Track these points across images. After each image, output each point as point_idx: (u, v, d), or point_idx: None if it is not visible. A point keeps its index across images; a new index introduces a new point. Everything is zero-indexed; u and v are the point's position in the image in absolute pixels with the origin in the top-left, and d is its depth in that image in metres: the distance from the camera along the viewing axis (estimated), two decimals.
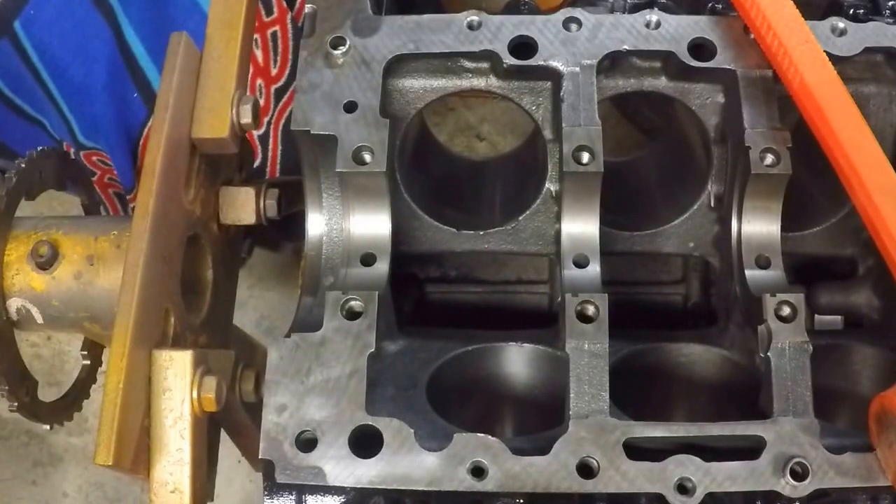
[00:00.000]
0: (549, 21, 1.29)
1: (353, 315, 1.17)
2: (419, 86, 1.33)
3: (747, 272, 1.25)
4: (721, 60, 1.27)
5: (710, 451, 1.10)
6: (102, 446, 1.02)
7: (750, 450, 1.10)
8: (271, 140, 1.96)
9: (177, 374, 1.09)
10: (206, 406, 1.10)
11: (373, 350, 1.15)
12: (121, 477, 1.10)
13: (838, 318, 1.50)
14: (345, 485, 1.09)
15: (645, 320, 1.60)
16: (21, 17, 1.72)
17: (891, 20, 1.32)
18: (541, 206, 1.34)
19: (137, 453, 1.06)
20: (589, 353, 1.14)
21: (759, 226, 1.27)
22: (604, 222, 1.28)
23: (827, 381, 1.25)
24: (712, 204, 1.35)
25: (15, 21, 1.72)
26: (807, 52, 1.17)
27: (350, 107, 1.24)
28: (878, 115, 1.34)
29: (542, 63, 1.27)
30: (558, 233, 1.29)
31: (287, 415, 1.12)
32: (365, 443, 1.10)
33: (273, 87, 1.95)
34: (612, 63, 1.31)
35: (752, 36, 1.23)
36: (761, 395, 1.17)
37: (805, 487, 1.08)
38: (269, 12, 1.89)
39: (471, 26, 1.28)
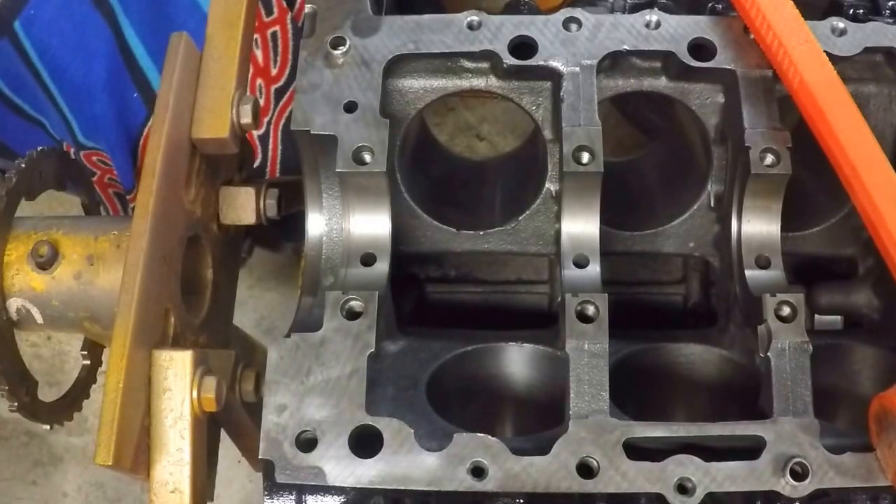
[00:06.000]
0: (549, 21, 1.29)
1: (353, 315, 1.17)
2: (419, 86, 1.33)
3: (747, 272, 1.25)
4: (721, 60, 1.27)
5: (710, 451, 1.10)
6: (102, 446, 1.02)
7: (750, 450, 1.10)
8: (271, 140, 1.96)
9: (177, 374, 1.09)
10: (206, 406, 1.10)
11: (373, 350, 1.15)
12: (121, 477, 1.10)
13: (838, 318, 1.50)
14: (345, 485, 1.09)
15: (645, 320, 1.60)
16: (21, 17, 1.72)
17: (891, 20, 1.32)
18: (541, 206, 1.34)
19: (137, 453, 1.06)
20: (589, 353, 1.14)
21: (759, 226, 1.27)
22: (604, 222, 1.28)
23: (827, 381, 1.25)
24: (712, 204, 1.35)
25: (15, 21, 1.72)
26: (807, 52, 1.17)
27: (350, 107, 1.24)
28: (878, 115, 1.34)
29: (542, 63, 1.27)
30: (558, 233, 1.29)
31: (287, 415, 1.12)
32: (365, 443, 1.10)
33: (273, 87, 1.95)
34: (612, 63, 1.31)
35: (752, 36, 1.23)
36: (761, 395, 1.17)
37: (805, 487, 1.08)
38: (269, 12, 1.89)
39: (471, 26, 1.28)
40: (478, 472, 1.08)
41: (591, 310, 1.17)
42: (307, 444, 1.11)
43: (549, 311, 1.62)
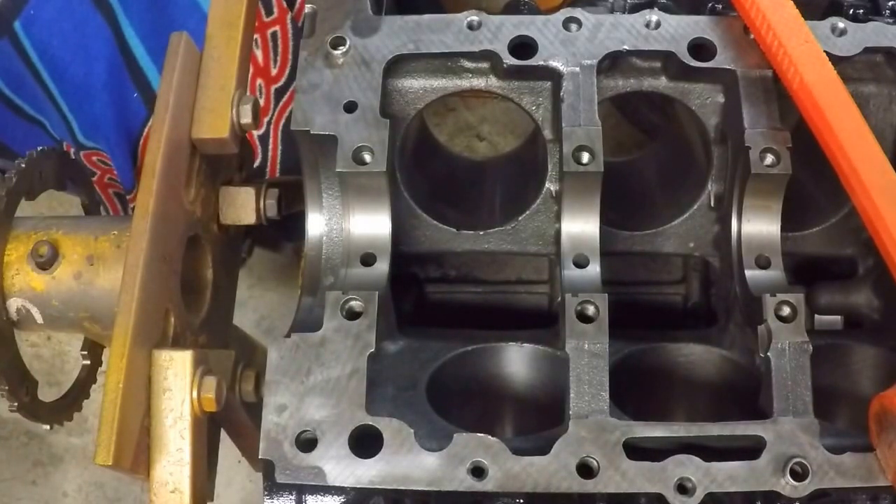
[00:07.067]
0: (549, 21, 1.29)
1: (353, 315, 1.17)
2: (419, 86, 1.33)
3: (747, 272, 1.25)
4: (721, 60, 1.27)
5: (710, 451, 1.10)
6: (102, 446, 1.02)
7: (750, 450, 1.10)
8: (271, 140, 1.96)
9: (177, 374, 1.09)
10: (206, 406, 1.10)
11: (373, 350, 1.15)
12: (121, 477, 1.10)
13: (838, 318, 1.50)
14: (345, 485, 1.09)
15: (645, 320, 1.60)
16: (21, 17, 1.72)
17: (891, 20, 1.32)
18: (541, 206, 1.34)
19: (137, 453, 1.06)
20: (589, 353, 1.14)
21: (759, 226, 1.27)
22: (604, 222, 1.28)
23: (827, 381, 1.25)
24: (712, 204, 1.36)
25: (15, 21, 1.72)
26: (807, 52, 1.17)
27: (350, 107, 1.24)
28: (878, 115, 1.34)
29: (542, 63, 1.27)
30: (558, 233, 1.29)
31: (287, 415, 1.12)
32: (365, 443, 1.10)
33: (273, 87, 1.95)
34: (612, 63, 1.31)
35: (752, 36, 1.23)
36: (761, 395, 1.17)
37: (805, 487, 1.08)
38: (269, 12, 1.89)
39: (471, 26, 1.28)
40: (478, 472, 1.08)
41: (591, 310, 1.17)
42: (307, 444, 1.11)
43: (549, 311, 1.62)
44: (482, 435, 1.10)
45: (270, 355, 1.15)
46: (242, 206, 1.34)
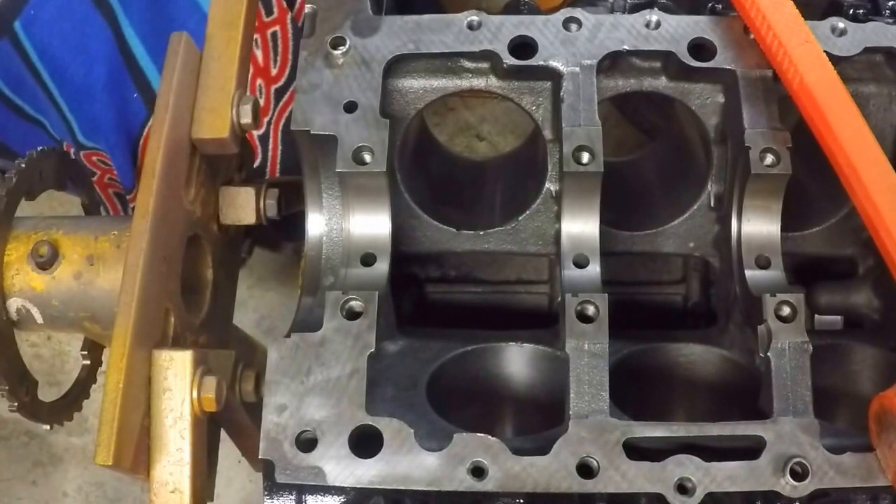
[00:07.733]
0: (549, 21, 1.29)
1: (353, 315, 1.17)
2: (419, 86, 1.33)
3: (747, 272, 1.25)
4: (721, 60, 1.27)
5: (710, 451, 1.10)
6: (102, 446, 1.02)
7: (750, 450, 1.10)
8: (271, 140, 1.96)
9: (177, 374, 1.10)
10: (206, 406, 1.10)
11: (373, 350, 1.15)
12: (121, 477, 1.10)
13: (838, 318, 1.50)
14: (345, 485, 1.09)
15: (645, 320, 1.60)
16: (21, 17, 1.72)
17: (891, 20, 1.32)
18: (541, 206, 1.34)
19: (137, 453, 1.06)
20: (589, 353, 1.14)
21: (759, 226, 1.27)
22: (604, 222, 1.28)
23: (827, 381, 1.25)
24: (712, 204, 1.36)
25: (15, 21, 1.72)
26: (807, 52, 1.17)
27: (350, 107, 1.24)
28: (878, 115, 1.34)
29: (542, 63, 1.27)
30: (558, 233, 1.29)
31: (287, 415, 1.12)
32: (365, 443, 1.10)
33: (273, 87, 1.95)
34: (612, 63, 1.31)
35: (752, 36, 1.23)
36: (761, 395, 1.17)
37: (805, 487, 1.08)
38: (269, 12, 1.89)
39: (471, 26, 1.28)
40: (478, 472, 1.08)
41: (591, 310, 1.17)
42: (307, 444, 1.11)
43: (549, 311, 1.62)
44: (482, 435, 1.10)
45: (270, 355, 1.15)
46: (242, 206, 1.34)
